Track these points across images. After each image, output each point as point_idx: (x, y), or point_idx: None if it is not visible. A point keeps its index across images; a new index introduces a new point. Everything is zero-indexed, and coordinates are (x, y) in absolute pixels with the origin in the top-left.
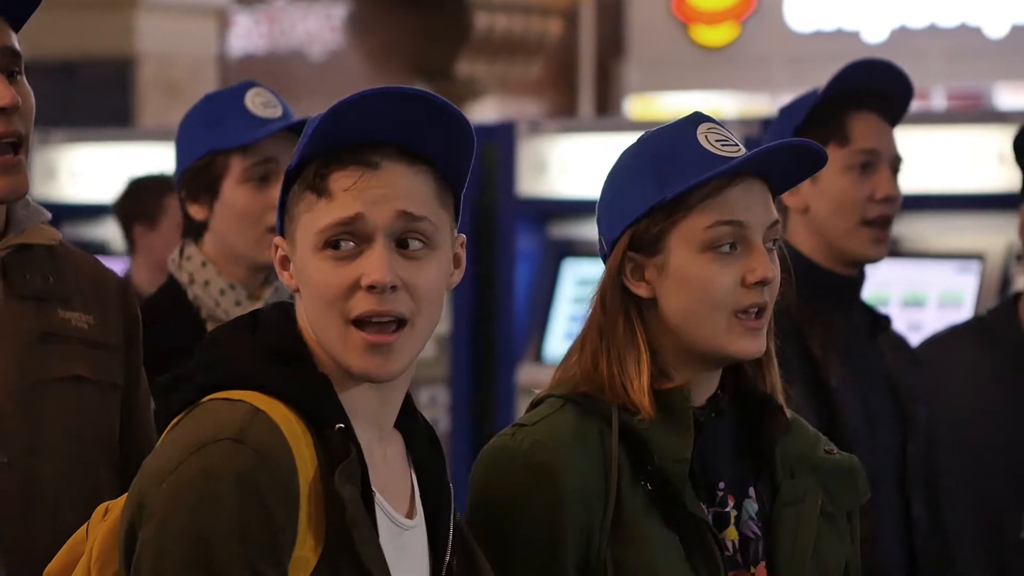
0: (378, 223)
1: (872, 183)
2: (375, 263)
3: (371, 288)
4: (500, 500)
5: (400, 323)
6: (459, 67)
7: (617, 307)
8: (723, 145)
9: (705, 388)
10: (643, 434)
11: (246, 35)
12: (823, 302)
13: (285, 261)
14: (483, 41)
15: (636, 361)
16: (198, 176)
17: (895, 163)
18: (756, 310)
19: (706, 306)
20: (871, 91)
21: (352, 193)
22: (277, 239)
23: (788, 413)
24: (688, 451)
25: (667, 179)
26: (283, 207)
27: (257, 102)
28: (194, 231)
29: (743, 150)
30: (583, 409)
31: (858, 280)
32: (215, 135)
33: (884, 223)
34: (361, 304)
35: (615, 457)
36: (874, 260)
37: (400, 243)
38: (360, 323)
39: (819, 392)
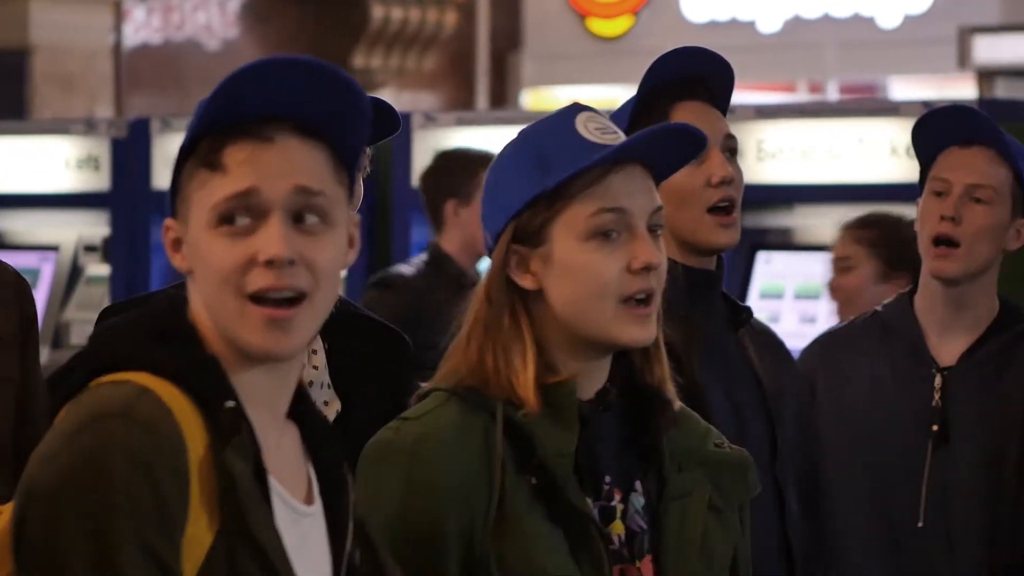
0: (274, 197)
1: (706, 169)
2: (272, 238)
3: (269, 263)
4: (381, 497)
5: (298, 298)
6: (355, 59)
7: (502, 301)
8: (603, 133)
9: (594, 381)
10: (528, 428)
11: (141, 26)
12: (682, 297)
13: (177, 243)
14: (379, 33)
15: (522, 355)
16: None
17: (728, 145)
18: (643, 297)
19: (592, 295)
20: (691, 79)
21: (247, 167)
22: (168, 221)
23: (677, 406)
24: (572, 445)
25: (548, 169)
26: (175, 188)
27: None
28: None
29: (622, 137)
30: (468, 403)
31: (716, 273)
32: None
33: (728, 207)
34: (259, 280)
35: (499, 452)
36: (725, 247)
37: (296, 218)
38: (257, 299)
39: (684, 388)
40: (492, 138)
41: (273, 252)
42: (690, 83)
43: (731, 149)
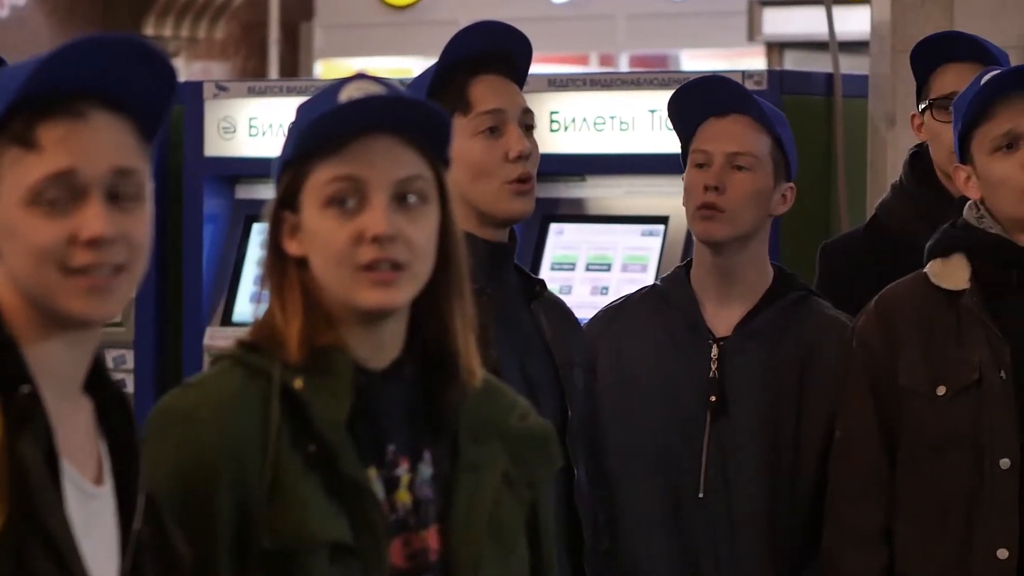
0: (92, 177)
1: (503, 144)
2: (95, 218)
3: (91, 243)
4: (158, 461)
5: (118, 268)
6: (146, 28)
7: (276, 265)
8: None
9: (384, 349)
10: (303, 395)
11: None
12: (475, 270)
13: None
14: (170, 2)
15: (294, 317)
16: None
17: (525, 120)
18: (386, 265)
19: (331, 262)
20: (488, 53)
21: (63, 147)
22: None
23: (480, 377)
24: (344, 412)
25: (301, 136)
26: None
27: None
28: None
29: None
30: (250, 369)
31: (509, 246)
32: None
33: (524, 180)
34: (80, 257)
35: (275, 419)
36: (521, 216)
37: (112, 195)
38: (77, 270)
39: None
40: (284, 108)
41: (97, 232)
42: (488, 57)
43: (528, 124)
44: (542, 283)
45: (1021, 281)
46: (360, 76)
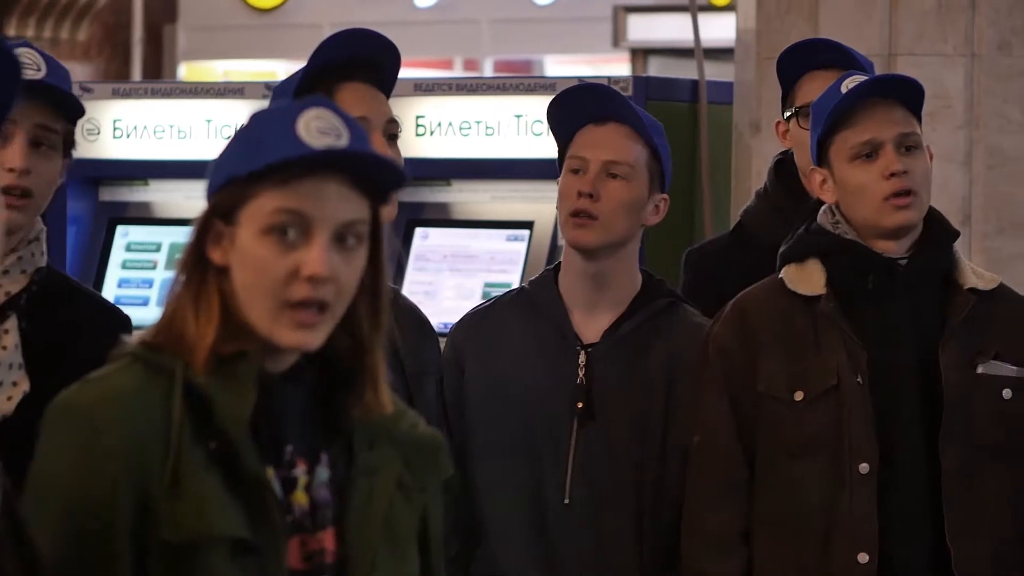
0: None
1: None
2: None
3: None
4: (58, 456)
5: None
6: (8, 29)
7: (195, 268)
8: (321, 134)
9: (286, 353)
10: (206, 392)
11: None
12: None
13: None
14: (32, 3)
15: (208, 326)
16: None
17: (390, 130)
18: (315, 306)
19: (259, 289)
20: (355, 61)
21: None
22: None
23: (389, 405)
24: (247, 411)
25: (252, 155)
26: None
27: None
28: None
29: (345, 143)
30: (152, 365)
31: None
32: None
33: None
34: None
35: (177, 415)
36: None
37: None
38: None
39: None
40: (148, 110)
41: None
42: (356, 64)
43: (392, 134)
44: (395, 290)
45: (877, 286)
46: (317, 103)
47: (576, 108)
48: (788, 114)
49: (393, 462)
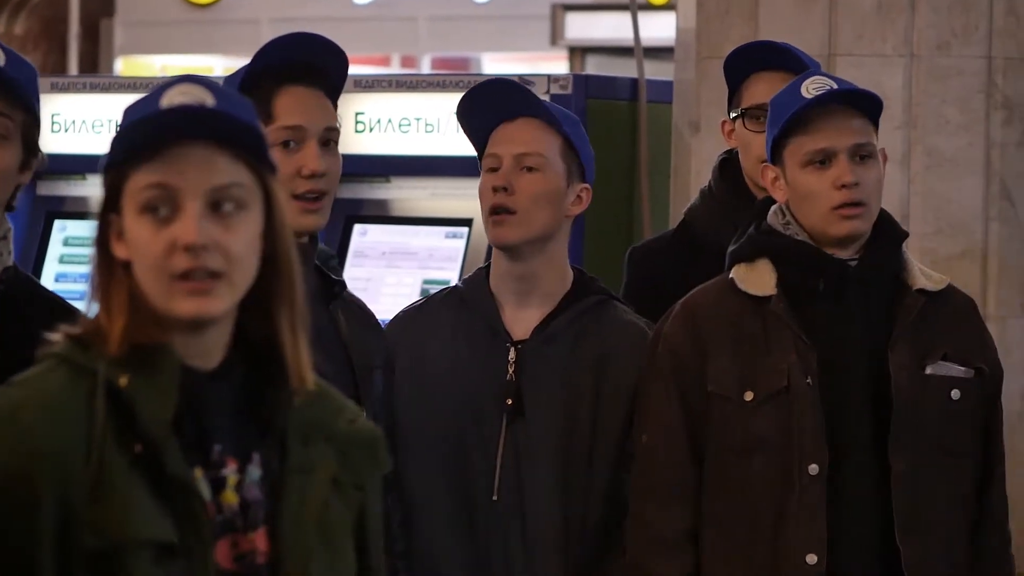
0: None
1: (299, 159)
2: None
3: None
4: None
5: None
6: None
7: (103, 265)
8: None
9: (211, 351)
10: (128, 393)
11: None
12: None
13: None
14: None
15: (118, 317)
16: None
17: (328, 136)
18: (202, 274)
19: (148, 271)
20: (299, 64)
21: None
22: None
23: (310, 381)
24: (170, 410)
25: (121, 139)
26: None
27: None
28: None
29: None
30: (75, 368)
31: (308, 247)
32: None
33: (316, 196)
34: None
35: (100, 418)
36: (310, 231)
37: None
38: None
39: None
40: (87, 104)
41: None
42: (298, 68)
43: (330, 140)
44: (342, 284)
45: (828, 288)
46: (186, 79)
47: (484, 108)
48: (734, 115)
49: (328, 459)
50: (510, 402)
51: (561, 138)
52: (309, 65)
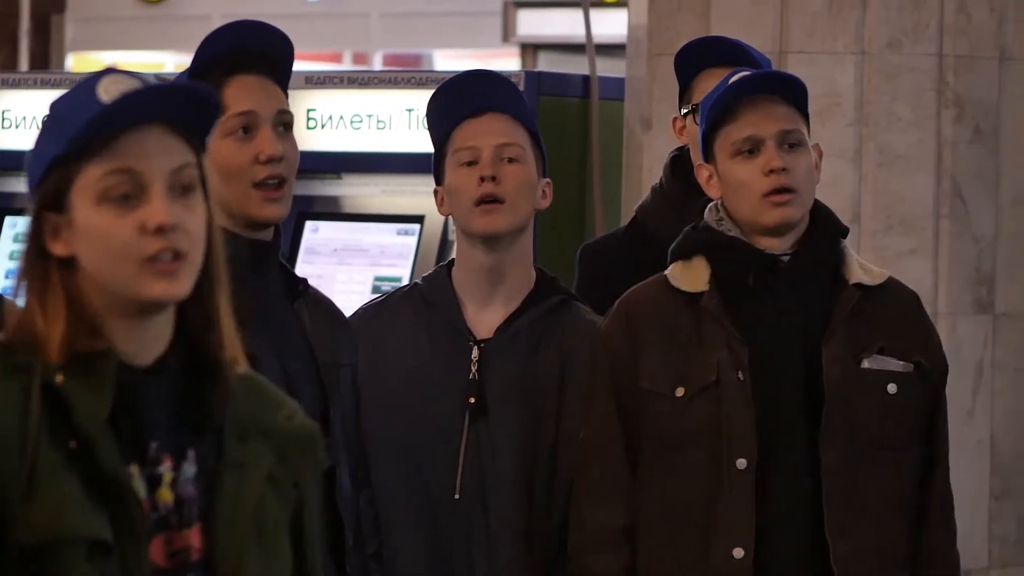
0: None
1: (255, 146)
2: None
3: None
4: None
5: None
6: None
7: (36, 267)
8: (120, 93)
9: (148, 346)
10: (63, 391)
11: None
12: (236, 268)
13: None
14: None
15: (56, 320)
16: None
17: (282, 120)
18: (169, 255)
19: (113, 258)
20: (245, 52)
21: None
22: None
23: (244, 375)
24: (105, 408)
25: (61, 134)
26: None
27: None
28: None
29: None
30: (8, 365)
31: (273, 244)
32: None
33: (276, 184)
34: None
35: (35, 415)
36: (273, 220)
37: None
38: None
39: None
40: (38, 100)
41: None
42: (243, 56)
43: (284, 124)
44: (305, 282)
45: (758, 283)
46: (110, 71)
47: (454, 103)
48: (685, 111)
49: (263, 456)
50: (472, 401)
51: (528, 132)
52: (255, 53)
